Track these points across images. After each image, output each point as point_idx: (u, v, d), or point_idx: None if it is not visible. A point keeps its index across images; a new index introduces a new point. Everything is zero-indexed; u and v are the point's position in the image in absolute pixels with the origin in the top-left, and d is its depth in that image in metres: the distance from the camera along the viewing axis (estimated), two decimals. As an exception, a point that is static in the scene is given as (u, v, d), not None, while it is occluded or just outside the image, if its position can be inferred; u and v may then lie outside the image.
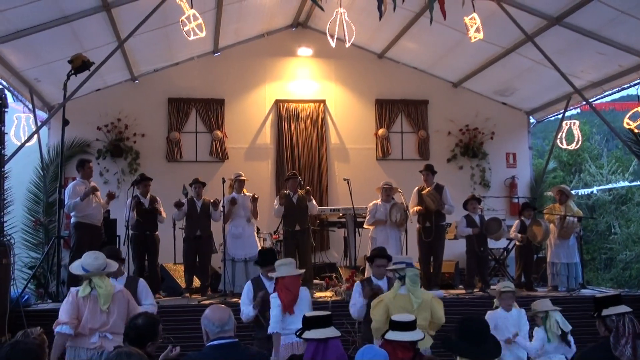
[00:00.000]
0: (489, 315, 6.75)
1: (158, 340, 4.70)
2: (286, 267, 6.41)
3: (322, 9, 9.37)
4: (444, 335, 4.68)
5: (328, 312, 5.07)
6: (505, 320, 6.82)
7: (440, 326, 6.22)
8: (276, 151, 13.87)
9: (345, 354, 4.82)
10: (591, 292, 10.54)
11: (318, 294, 9.99)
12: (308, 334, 4.76)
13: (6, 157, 8.22)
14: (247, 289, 6.84)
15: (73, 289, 5.82)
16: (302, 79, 14.18)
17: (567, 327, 6.38)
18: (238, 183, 10.60)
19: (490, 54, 12.50)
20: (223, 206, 10.25)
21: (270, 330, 6.15)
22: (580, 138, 14.25)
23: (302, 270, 6.69)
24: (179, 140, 13.42)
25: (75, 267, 5.87)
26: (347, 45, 10.55)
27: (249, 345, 5.29)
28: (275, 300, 6.26)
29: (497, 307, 7.00)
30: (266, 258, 6.87)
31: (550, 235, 10.91)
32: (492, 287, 9.93)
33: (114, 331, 5.69)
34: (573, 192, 12.80)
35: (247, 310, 6.64)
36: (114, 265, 6.07)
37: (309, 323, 4.86)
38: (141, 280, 6.78)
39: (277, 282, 6.36)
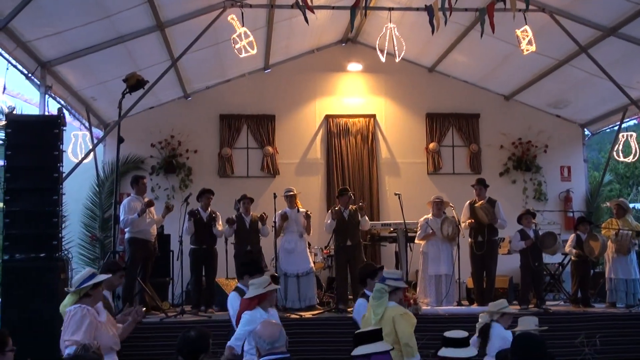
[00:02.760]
0: None
1: (210, 352, 4.74)
2: (252, 287, 6.27)
3: (352, 26, 9.43)
4: (500, 353, 4.60)
5: (376, 327, 5.03)
6: None
7: (406, 345, 5.91)
8: (326, 166, 13.90)
9: None
10: (651, 308, 10.27)
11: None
12: (355, 351, 4.75)
13: (64, 175, 8.42)
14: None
15: None
16: (352, 94, 14.21)
17: None
18: (289, 199, 10.62)
19: (542, 66, 12.33)
20: (275, 222, 10.29)
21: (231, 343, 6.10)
22: (637, 150, 13.85)
23: (263, 291, 6.24)
24: (231, 156, 13.57)
25: None
26: (397, 59, 10.54)
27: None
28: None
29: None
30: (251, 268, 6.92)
31: (608, 250, 10.66)
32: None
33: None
34: (631, 205, 12.43)
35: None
36: (97, 278, 5.86)
37: (357, 340, 4.85)
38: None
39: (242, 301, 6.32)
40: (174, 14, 10.10)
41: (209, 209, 10.50)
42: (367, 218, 10.63)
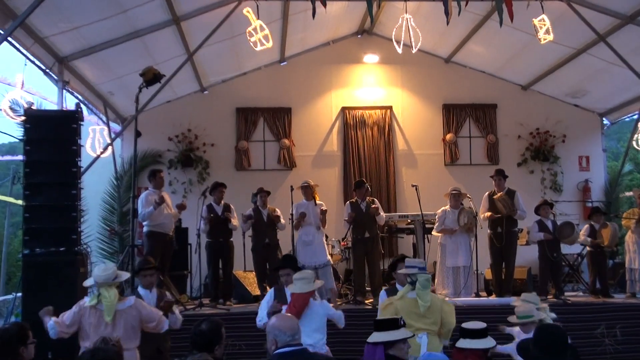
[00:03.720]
0: None
1: (223, 342, 4.77)
2: (300, 283, 6.43)
3: (371, 18, 9.44)
4: (522, 343, 4.59)
5: (395, 317, 5.02)
6: None
7: (451, 331, 6.11)
8: (343, 158, 13.90)
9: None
10: (672, 299, 10.20)
11: (387, 301, 9.97)
12: (370, 338, 4.79)
13: (82, 169, 8.48)
14: (269, 295, 7.00)
15: (86, 298, 5.94)
16: (369, 85, 14.18)
17: None
18: (304, 190, 10.61)
19: (560, 56, 12.23)
20: (292, 214, 10.29)
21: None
22: (657, 139, 13.76)
23: (315, 287, 6.51)
24: (248, 149, 13.60)
25: (87, 281, 6.14)
26: (414, 50, 10.50)
27: (317, 352, 5.30)
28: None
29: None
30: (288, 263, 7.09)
31: (628, 240, 10.59)
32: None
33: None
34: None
35: (262, 315, 6.76)
36: (124, 276, 6.11)
37: (375, 326, 4.88)
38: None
39: (292, 295, 6.51)
40: (189, 8, 10.12)
41: (223, 202, 10.52)
42: (382, 215, 10.56)
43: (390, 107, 14.05)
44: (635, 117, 13.48)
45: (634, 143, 13.61)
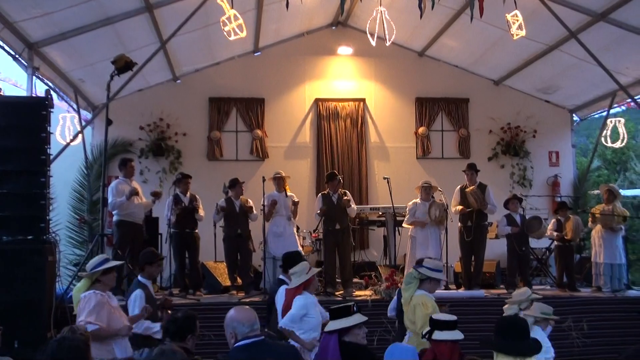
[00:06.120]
0: None
1: (197, 334, 4.75)
2: (294, 277, 6.38)
3: (342, 10, 9.48)
4: (483, 335, 4.62)
5: (348, 304, 5.06)
6: None
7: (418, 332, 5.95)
8: (316, 150, 13.89)
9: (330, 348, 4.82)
10: (637, 293, 10.38)
11: (357, 293, 10.03)
12: (327, 327, 4.92)
13: (52, 157, 8.37)
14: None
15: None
16: (342, 77, 14.18)
17: None
18: (277, 181, 10.60)
19: (532, 51, 12.33)
20: (264, 205, 10.28)
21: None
22: (625, 136, 13.96)
23: (305, 278, 6.33)
24: (220, 139, 13.53)
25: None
26: (388, 43, 10.51)
27: (278, 341, 5.30)
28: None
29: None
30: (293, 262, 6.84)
31: (595, 235, 10.74)
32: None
33: None
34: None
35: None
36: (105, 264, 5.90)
37: (330, 315, 5.00)
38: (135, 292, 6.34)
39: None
40: (163, -5, 10.03)
41: (189, 193, 10.46)
42: (354, 207, 10.58)
43: (364, 100, 14.06)
44: (604, 114, 13.65)
45: (603, 139, 13.81)
